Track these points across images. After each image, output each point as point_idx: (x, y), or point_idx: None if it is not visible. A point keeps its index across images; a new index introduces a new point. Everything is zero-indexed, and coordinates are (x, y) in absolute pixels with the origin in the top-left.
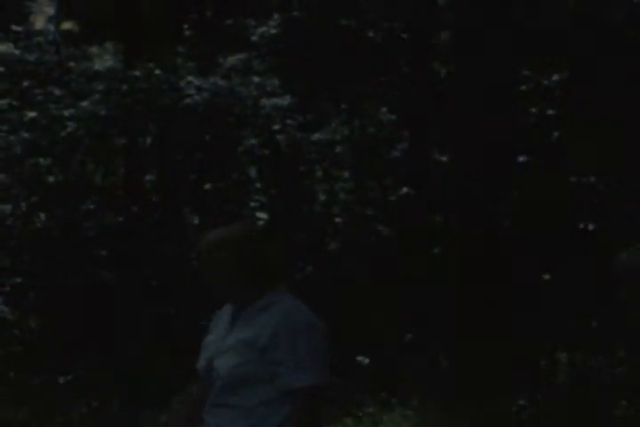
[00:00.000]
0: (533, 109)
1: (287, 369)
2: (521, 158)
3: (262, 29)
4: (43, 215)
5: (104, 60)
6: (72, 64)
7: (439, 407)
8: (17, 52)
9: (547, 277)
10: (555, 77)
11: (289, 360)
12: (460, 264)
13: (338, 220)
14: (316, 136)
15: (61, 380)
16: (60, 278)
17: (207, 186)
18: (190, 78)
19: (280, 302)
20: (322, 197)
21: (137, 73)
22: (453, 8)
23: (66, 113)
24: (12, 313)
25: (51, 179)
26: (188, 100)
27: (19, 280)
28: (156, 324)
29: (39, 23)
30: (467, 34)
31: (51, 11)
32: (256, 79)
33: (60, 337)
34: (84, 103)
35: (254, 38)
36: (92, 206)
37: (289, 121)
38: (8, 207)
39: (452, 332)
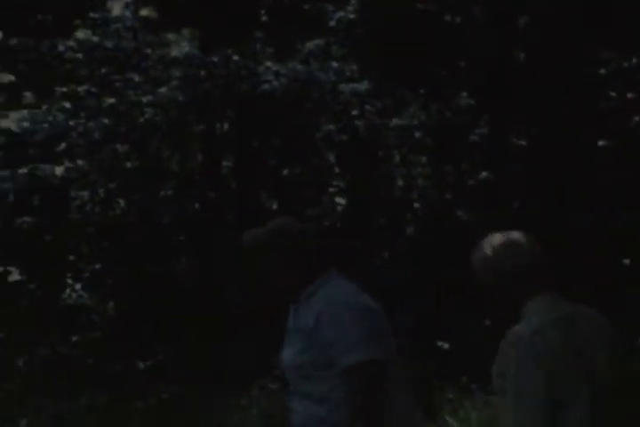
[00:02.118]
0: (613, 93)
1: (336, 350)
2: (600, 143)
3: (340, 14)
4: (121, 201)
5: (181, 46)
6: (150, 50)
7: None
8: (95, 38)
9: None
10: (635, 60)
11: (336, 340)
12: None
13: (416, 205)
14: (394, 121)
15: (141, 366)
16: (138, 264)
17: (285, 172)
18: (268, 64)
19: (325, 286)
20: (400, 183)
21: (214, 59)
22: None
23: (144, 99)
24: (90, 299)
25: (129, 165)
26: (265, 86)
27: (97, 266)
28: (236, 309)
29: (116, 10)
30: (546, 18)
31: None
32: (334, 64)
33: (138, 323)
34: (162, 89)
35: (332, 23)
36: (169, 192)
37: (367, 106)
38: (86, 194)
39: None
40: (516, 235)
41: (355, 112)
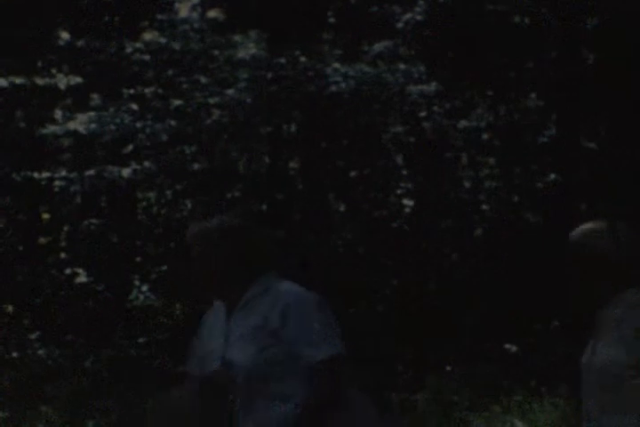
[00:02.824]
0: None
1: (302, 346)
2: None
3: (408, 16)
4: (188, 203)
5: (248, 47)
6: (217, 52)
7: None
8: (162, 40)
9: None
10: None
11: (303, 335)
12: None
13: (484, 206)
14: (462, 123)
15: None
16: None
17: (353, 173)
18: (336, 65)
19: (277, 285)
20: (467, 184)
21: (282, 60)
22: None
23: (211, 101)
24: (157, 300)
25: (195, 166)
26: (333, 88)
27: (164, 268)
28: None
29: (184, 11)
30: (616, 18)
31: None
32: (402, 66)
33: None
34: (229, 91)
35: (400, 25)
36: (236, 194)
37: (435, 108)
38: (153, 195)
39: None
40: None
41: (422, 114)
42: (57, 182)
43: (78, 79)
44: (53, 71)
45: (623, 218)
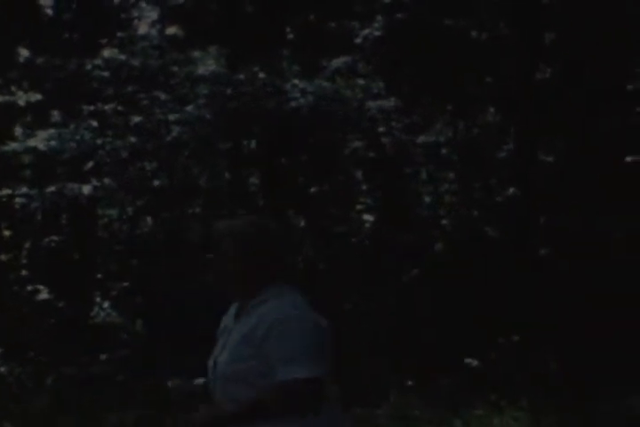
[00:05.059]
0: None
1: (279, 361)
2: (629, 158)
3: (366, 31)
4: (149, 219)
5: (208, 63)
6: (176, 68)
7: (550, 409)
8: (122, 57)
9: None
10: None
11: (282, 352)
12: (568, 265)
13: (444, 221)
14: (421, 138)
15: (170, 383)
16: (167, 282)
17: (313, 189)
18: (295, 81)
19: (279, 297)
20: (427, 199)
21: (241, 76)
22: (558, 8)
23: (171, 117)
24: (119, 317)
25: (156, 183)
26: (292, 104)
27: (125, 284)
28: None
29: (143, 28)
30: (573, 33)
31: (154, 16)
32: (361, 81)
33: (167, 341)
34: (189, 107)
35: (358, 40)
36: (197, 210)
37: (394, 123)
38: (114, 212)
39: (561, 332)
40: None
41: (381, 129)
42: (17, 199)
43: (38, 96)
44: (13, 88)
45: None
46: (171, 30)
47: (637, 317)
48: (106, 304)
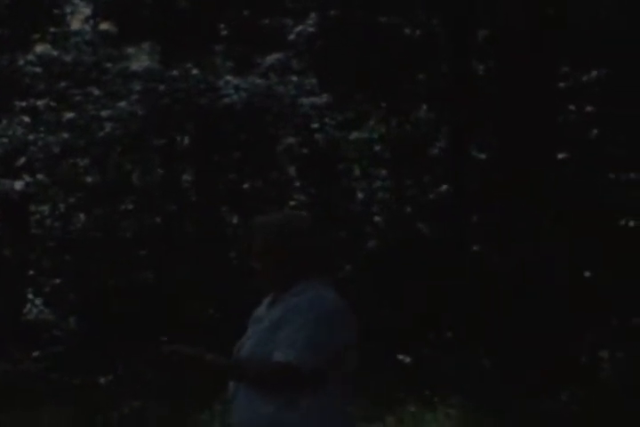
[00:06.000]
0: (572, 107)
1: (280, 348)
2: (560, 155)
3: (299, 28)
4: (82, 216)
5: (141, 60)
6: (109, 64)
7: (482, 406)
8: (54, 52)
9: (587, 274)
10: (593, 74)
11: (286, 341)
12: (501, 262)
13: (377, 218)
14: (354, 135)
15: (102, 380)
16: (100, 279)
17: (246, 185)
18: (228, 78)
19: (311, 290)
20: (360, 196)
21: (174, 73)
22: (491, 6)
23: (103, 113)
24: (51, 314)
25: (89, 179)
26: (225, 100)
27: (58, 281)
28: (197, 323)
29: (76, 24)
30: (505, 31)
31: (87, 11)
32: (294, 78)
33: (99, 338)
34: (122, 103)
35: (292, 37)
36: (130, 206)
37: (327, 120)
38: (46, 208)
39: (494, 330)
40: None
41: (314, 125)
42: None
43: None
44: None
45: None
46: (104, 26)
47: (567, 310)
48: (38, 301)
